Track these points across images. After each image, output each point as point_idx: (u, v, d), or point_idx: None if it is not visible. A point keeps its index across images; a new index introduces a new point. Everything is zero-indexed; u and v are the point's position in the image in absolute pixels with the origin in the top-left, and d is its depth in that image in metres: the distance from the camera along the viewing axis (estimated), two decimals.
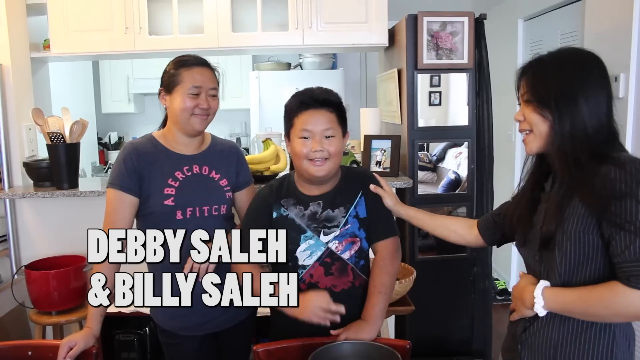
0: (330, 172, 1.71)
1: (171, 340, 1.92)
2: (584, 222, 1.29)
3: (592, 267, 1.32)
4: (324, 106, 1.68)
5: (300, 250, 1.74)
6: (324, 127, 1.67)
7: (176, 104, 1.83)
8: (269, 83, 5.04)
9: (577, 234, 1.30)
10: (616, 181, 1.24)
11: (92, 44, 3.07)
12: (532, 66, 1.42)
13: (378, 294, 1.73)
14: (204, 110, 1.83)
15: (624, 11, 2.70)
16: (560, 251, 1.33)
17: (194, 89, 1.81)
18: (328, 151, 1.66)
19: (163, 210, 1.81)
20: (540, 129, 1.37)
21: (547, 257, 1.39)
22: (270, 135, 3.03)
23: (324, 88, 1.73)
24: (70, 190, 2.75)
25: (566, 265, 1.33)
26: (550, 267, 1.37)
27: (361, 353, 1.63)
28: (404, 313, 2.49)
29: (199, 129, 1.86)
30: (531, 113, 1.37)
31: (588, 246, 1.30)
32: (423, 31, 2.84)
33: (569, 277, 1.34)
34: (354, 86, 5.65)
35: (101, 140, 5.82)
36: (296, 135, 1.69)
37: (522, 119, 1.42)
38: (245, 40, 3.08)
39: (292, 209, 1.75)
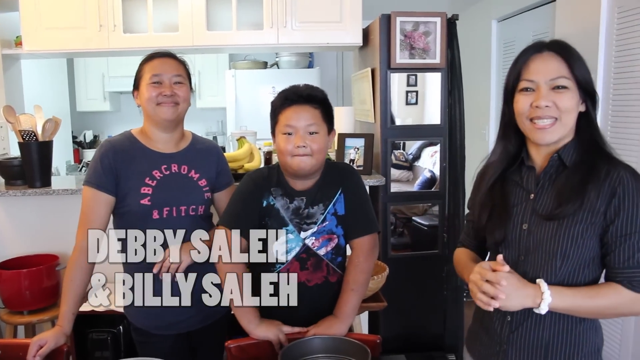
0: (313, 168, 1.71)
1: (145, 339, 1.91)
2: (591, 227, 1.30)
3: (587, 274, 1.33)
4: (308, 102, 1.68)
5: (278, 244, 1.73)
6: (307, 122, 1.66)
7: (143, 97, 1.83)
8: (245, 82, 5.04)
9: (583, 239, 1.30)
10: (629, 188, 1.26)
11: (65, 42, 3.05)
12: (563, 50, 1.35)
13: (350, 291, 1.74)
14: (169, 98, 1.81)
15: (591, 14, 2.76)
16: (562, 255, 1.31)
17: (154, 77, 1.81)
18: (311, 147, 1.66)
19: (139, 210, 1.80)
20: (572, 117, 1.34)
21: (534, 259, 1.36)
22: (245, 133, 3.03)
23: (310, 85, 1.73)
24: (43, 189, 2.72)
25: (565, 270, 1.32)
26: (538, 267, 1.35)
27: (331, 348, 1.65)
28: (376, 309, 2.52)
29: (167, 118, 1.83)
30: (568, 100, 1.31)
31: (589, 251, 1.31)
32: (396, 31, 2.87)
33: (566, 282, 1.33)
34: (330, 85, 5.67)
35: (76, 139, 5.76)
36: (280, 131, 1.69)
37: (550, 105, 1.32)
38: (220, 39, 3.09)
39: (279, 200, 1.75)
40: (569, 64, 1.32)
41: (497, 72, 4.34)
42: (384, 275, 2.42)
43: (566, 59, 1.33)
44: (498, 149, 1.49)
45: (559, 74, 1.32)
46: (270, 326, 1.68)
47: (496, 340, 1.44)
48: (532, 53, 1.36)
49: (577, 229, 1.30)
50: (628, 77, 2.54)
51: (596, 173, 1.30)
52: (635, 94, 2.50)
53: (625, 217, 1.26)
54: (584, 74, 1.33)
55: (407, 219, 3.05)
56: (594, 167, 1.31)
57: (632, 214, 1.26)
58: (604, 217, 1.28)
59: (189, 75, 1.91)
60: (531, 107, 1.34)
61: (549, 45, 1.36)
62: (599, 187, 1.28)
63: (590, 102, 1.35)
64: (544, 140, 1.35)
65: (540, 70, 1.34)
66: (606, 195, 1.28)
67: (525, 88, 1.36)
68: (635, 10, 2.47)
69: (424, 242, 3.08)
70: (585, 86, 1.33)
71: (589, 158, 1.33)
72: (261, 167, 1.85)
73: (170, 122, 1.85)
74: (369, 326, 3.13)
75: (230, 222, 1.74)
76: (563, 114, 1.32)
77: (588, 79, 1.34)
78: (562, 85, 1.32)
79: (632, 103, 2.53)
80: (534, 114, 1.33)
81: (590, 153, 1.33)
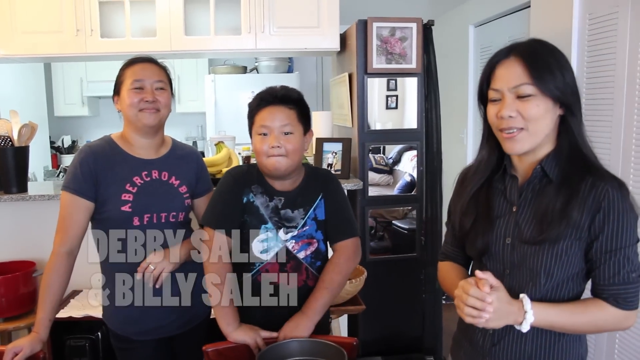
0: (289, 169, 1.71)
1: (125, 345, 1.89)
2: (575, 243, 1.25)
3: (572, 287, 1.30)
4: (283, 103, 1.69)
5: (257, 241, 1.74)
6: (281, 123, 1.67)
7: (124, 102, 1.82)
8: (225, 86, 5.05)
9: (567, 256, 1.26)
10: (614, 202, 1.21)
11: (41, 46, 3.04)
12: (527, 54, 1.27)
13: (324, 289, 1.75)
14: (150, 104, 1.80)
15: (564, 19, 2.81)
16: (546, 272, 1.28)
17: (136, 82, 1.80)
18: (286, 148, 1.67)
19: (120, 216, 1.79)
20: (542, 125, 1.25)
21: (519, 274, 1.32)
22: (223, 138, 3.04)
23: (286, 86, 1.74)
24: (19, 195, 2.70)
25: (549, 285, 1.29)
26: (523, 283, 1.31)
27: (308, 351, 1.66)
28: (355, 312, 2.54)
29: (149, 124, 1.82)
30: (533, 108, 1.23)
31: (573, 267, 1.27)
32: (373, 36, 2.91)
33: (550, 296, 1.30)
34: (309, 90, 5.70)
35: (54, 144, 5.71)
36: (256, 132, 1.70)
37: (514, 115, 1.25)
38: (198, 44, 3.10)
39: (259, 197, 1.75)
40: (532, 70, 1.24)
41: (475, 76, 4.39)
42: (362, 278, 2.44)
43: (530, 63, 1.24)
44: (481, 155, 1.43)
45: (520, 81, 1.24)
46: (249, 330, 1.69)
47: (479, 351, 1.42)
48: (499, 59, 1.29)
49: (561, 246, 1.26)
50: (599, 80, 2.59)
51: (579, 188, 1.24)
52: (606, 97, 2.55)
53: (610, 233, 1.22)
54: (555, 79, 1.24)
55: (388, 223, 3.08)
56: (577, 183, 1.24)
57: (617, 229, 1.22)
58: (589, 232, 1.24)
59: (170, 81, 1.91)
60: (497, 117, 1.27)
61: (516, 49, 1.28)
62: (583, 202, 1.23)
63: (568, 106, 1.26)
64: (513, 150, 1.29)
65: (503, 77, 1.27)
66: (590, 209, 1.23)
67: (493, 99, 1.30)
68: (605, 17, 2.53)
69: (404, 246, 3.11)
70: (555, 92, 1.24)
71: (570, 170, 1.26)
72: (241, 164, 1.85)
73: (151, 128, 1.84)
74: (348, 329, 3.15)
75: (213, 221, 1.74)
76: (530, 123, 1.24)
77: (559, 85, 1.24)
78: (526, 93, 1.24)
79: (602, 107, 2.58)
80: (500, 125, 1.27)
81: (571, 164, 1.27)
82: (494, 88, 1.28)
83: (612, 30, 2.49)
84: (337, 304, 2.48)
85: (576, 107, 1.27)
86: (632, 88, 2.39)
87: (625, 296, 1.24)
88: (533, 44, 1.30)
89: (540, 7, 3.13)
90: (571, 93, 1.26)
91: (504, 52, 1.29)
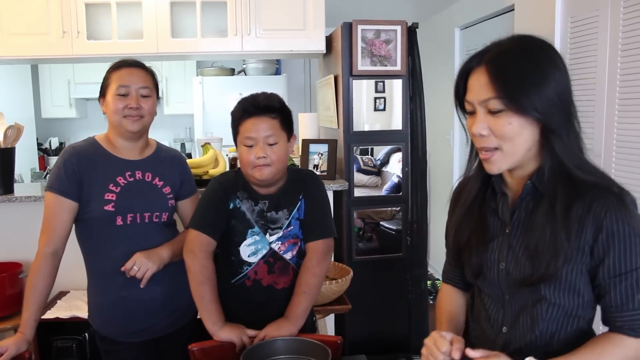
0: (275, 177, 1.74)
1: (111, 347, 1.89)
2: (576, 267, 1.12)
3: (578, 320, 1.17)
4: (266, 113, 1.70)
5: (245, 245, 1.77)
6: (266, 133, 1.69)
7: (108, 107, 1.82)
8: (212, 88, 5.06)
9: (571, 282, 1.12)
10: (619, 219, 1.07)
11: (28, 48, 3.04)
12: (496, 63, 1.08)
13: (302, 294, 1.76)
14: (134, 110, 1.80)
15: (547, 22, 2.86)
16: (549, 304, 1.15)
17: (121, 88, 1.80)
18: (271, 158, 1.69)
19: (103, 216, 1.80)
20: (518, 143, 1.09)
21: (520, 300, 1.19)
22: (210, 140, 3.05)
23: (267, 94, 1.75)
24: (5, 196, 2.70)
25: (552, 320, 1.16)
26: (526, 312, 1.18)
27: (293, 349, 1.67)
28: (341, 312, 2.56)
29: (132, 130, 1.83)
30: (504, 125, 1.07)
31: (579, 294, 1.14)
32: (358, 39, 2.93)
33: (553, 331, 1.17)
34: (297, 92, 5.72)
35: (41, 146, 5.69)
36: (241, 143, 1.72)
37: (486, 134, 1.10)
38: (185, 46, 3.11)
39: (245, 203, 1.77)
40: (499, 83, 1.06)
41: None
42: (348, 278, 2.46)
43: (496, 75, 1.06)
44: (469, 167, 1.29)
45: (488, 95, 1.07)
46: (234, 329, 1.70)
47: None
48: (472, 66, 1.13)
49: (562, 275, 1.12)
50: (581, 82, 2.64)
51: (569, 214, 1.10)
52: (588, 99, 2.59)
53: (617, 255, 1.08)
54: (527, 94, 1.05)
55: (376, 224, 3.10)
56: (566, 209, 1.10)
57: (624, 250, 1.07)
58: (591, 256, 1.10)
59: (156, 86, 1.91)
60: (473, 134, 1.13)
61: (486, 55, 1.11)
62: (582, 222, 1.09)
63: (547, 123, 1.08)
64: (491, 171, 1.15)
65: (473, 89, 1.11)
66: (591, 230, 1.08)
67: (468, 111, 1.15)
68: (586, 20, 2.58)
69: (391, 247, 3.14)
70: (529, 111, 1.06)
71: (556, 195, 1.11)
72: (227, 170, 1.87)
73: (134, 133, 1.85)
74: (335, 329, 3.17)
75: (200, 224, 1.76)
76: (503, 142, 1.09)
77: (534, 101, 1.05)
78: (496, 109, 1.07)
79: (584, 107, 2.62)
80: (475, 142, 1.14)
81: (557, 187, 1.11)
82: (467, 100, 1.14)
83: (593, 33, 2.54)
84: (323, 304, 2.50)
85: (559, 122, 1.08)
86: (612, 88, 2.43)
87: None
88: (507, 47, 1.10)
89: (523, 9, 3.18)
90: (551, 108, 1.07)
91: (477, 57, 1.13)
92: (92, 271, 1.90)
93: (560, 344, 1.17)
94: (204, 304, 1.73)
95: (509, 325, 1.22)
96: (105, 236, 1.82)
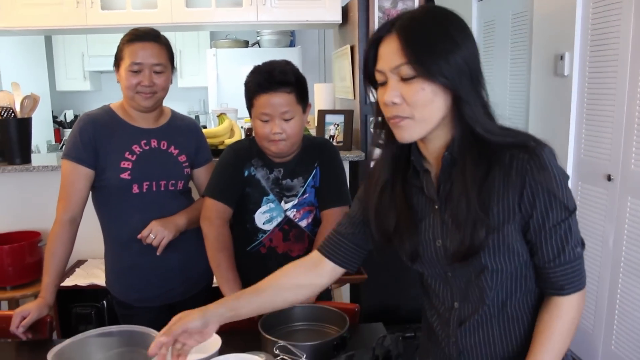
0: (291, 150, 1.74)
1: (128, 312, 1.92)
2: (511, 227, 1.09)
3: (526, 280, 1.15)
4: (281, 87, 1.66)
5: (260, 212, 1.78)
6: (282, 109, 1.66)
7: (122, 80, 1.81)
8: (226, 61, 5.04)
9: (509, 245, 1.10)
10: (540, 171, 1.05)
11: (42, 18, 3.03)
12: (406, 29, 1.05)
13: None
14: (147, 88, 1.78)
15: None
16: (492, 271, 1.12)
17: (134, 65, 1.76)
18: (287, 133, 1.68)
19: (119, 184, 1.80)
20: (430, 111, 1.06)
21: (463, 272, 1.16)
22: (226, 110, 3.04)
23: (282, 66, 1.70)
24: (23, 166, 2.72)
25: (500, 287, 1.14)
26: (471, 281, 1.16)
27: (310, 316, 1.69)
28: (356, 282, 2.58)
29: (145, 106, 1.82)
30: (416, 93, 1.04)
31: (520, 256, 1.11)
32: (374, 8, 2.89)
33: (504, 298, 1.16)
34: (312, 63, 5.68)
35: (56, 119, 5.72)
36: (256, 117, 1.70)
37: (398, 102, 1.06)
38: (200, 16, 3.08)
39: (260, 170, 1.77)
40: (409, 48, 1.03)
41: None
42: None
43: (406, 41, 1.04)
44: (380, 147, 1.21)
45: (399, 60, 1.04)
46: None
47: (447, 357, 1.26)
48: (382, 34, 1.09)
49: (494, 240, 1.09)
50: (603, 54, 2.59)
51: (488, 177, 1.08)
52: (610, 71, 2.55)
53: (543, 208, 1.07)
54: (437, 61, 1.03)
55: None
56: (484, 175, 1.08)
57: (549, 203, 1.06)
58: (520, 212, 1.08)
59: (171, 58, 1.87)
60: (384, 104, 1.09)
61: (396, 22, 1.07)
62: (507, 183, 1.07)
63: (456, 91, 1.05)
64: (403, 139, 1.10)
65: (384, 57, 1.07)
66: (516, 188, 1.07)
67: (379, 81, 1.10)
68: None
69: None
70: (438, 77, 1.03)
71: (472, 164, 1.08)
72: (242, 138, 1.86)
73: (147, 108, 1.84)
74: (350, 299, 3.19)
75: (215, 192, 1.77)
76: (415, 110, 1.05)
77: (443, 68, 1.03)
78: (408, 75, 1.04)
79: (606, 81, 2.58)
80: (386, 112, 1.10)
81: (472, 156, 1.08)
82: (378, 69, 1.09)
83: (617, 3, 2.48)
84: None
85: (467, 89, 1.05)
86: (636, 61, 2.38)
87: (573, 276, 1.10)
88: (418, 15, 1.08)
89: None
90: (460, 75, 1.04)
91: (387, 25, 1.09)
92: (108, 238, 1.91)
93: (514, 311, 1.17)
94: (220, 271, 1.75)
95: (459, 301, 1.19)
96: (122, 204, 1.83)
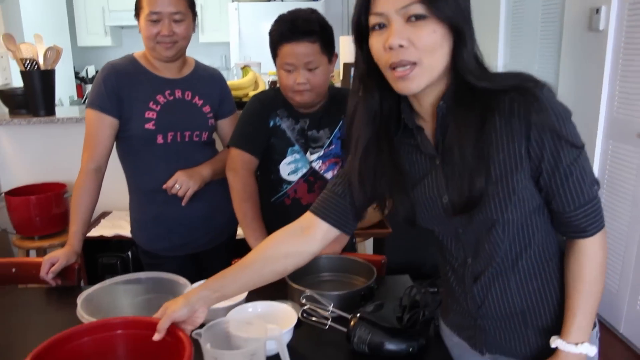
0: (316, 100, 1.70)
1: (153, 261, 1.94)
2: (520, 175, 1.02)
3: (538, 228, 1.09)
4: (305, 37, 1.61)
5: (285, 163, 1.76)
6: (306, 59, 1.61)
7: (142, 30, 1.77)
8: (248, 15, 4.96)
9: (518, 194, 1.03)
10: (542, 110, 0.98)
11: None
12: None
13: None
14: (167, 37, 1.74)
15: None
16: (503, 222, 1.06)
17: (153, 15, 1.72)
18: (311, 83, 1.64)
19: (143, 134, 1.79)
20: (437, 57, 0.99)
21: (475, 227, 1.10)
22: (249, 63, 3.00)
23: (307, 14, 1.66)
24: (47, 117, 2.72)
25: (512, 239, 1.09)
26: (482, 235, 1.10)
27: (337, 266, 1.69)
28: (381, 236, 2.56)
29: (166, 56, 1.78)
30: (428, 35, 0.96)
31: (529, 204, 1.05)
32: None
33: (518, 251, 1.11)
34: (336, 16, 5.56)
35: (78, 74, 5.72)
36: (280, 67, 1.66)
37: (406, 45, 0.96)
38: None
39: (285, 121, 1.75)
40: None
41: (506, 21, 4.22)
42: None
43: None
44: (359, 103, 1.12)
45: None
46: None
47: (469, 313, 1.22)
48: None
49: (504, 189, 1.03)
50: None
51: (489, 121, 1.01)
52: None
53: (553, 148, 0.99)
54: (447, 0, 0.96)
55: None
56: (483, 122, 1.01)
57: (558, 141, 0.99)
58: (530, 157, 1.01)
59: (192, 5, 1.82)
60: (384, 49, 0.99)
61: None
62: (510, 128, 1.00)
63: (460, 33, 0.99)
64: (409, 90, 1.01)
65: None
66: (522, 131, 1.00)
67: (376, 24, 1.00)
68: None
69: None
70: (449, 15, 0.96)
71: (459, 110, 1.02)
72: (267, 89, 1.82)
73: (169, 58, 1.81)
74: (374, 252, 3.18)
75: (241, 142, 1.75)
76: (424, 55, 0.97)
77: (452, 6, 0.96)
78: (418, 14, 0.95)
79: None
80: (390, 58, 0.99)
81: (463, 103, 1.02)
82: (377, 11, 0.99)
83: None
84: (363, 227, 2.49)
85: (469, 35, 0.99)
86: None
87: (594, 216, 1.04)
88: None
89: None
90: (464, 19, 0.98)
91: None
92: (133, 188, 1.91)
93: (529, 264, 1.12)
94: (246, 221, 1.74)
95: (472, 257, 1.15)
96: (146, 154, 1.82)
